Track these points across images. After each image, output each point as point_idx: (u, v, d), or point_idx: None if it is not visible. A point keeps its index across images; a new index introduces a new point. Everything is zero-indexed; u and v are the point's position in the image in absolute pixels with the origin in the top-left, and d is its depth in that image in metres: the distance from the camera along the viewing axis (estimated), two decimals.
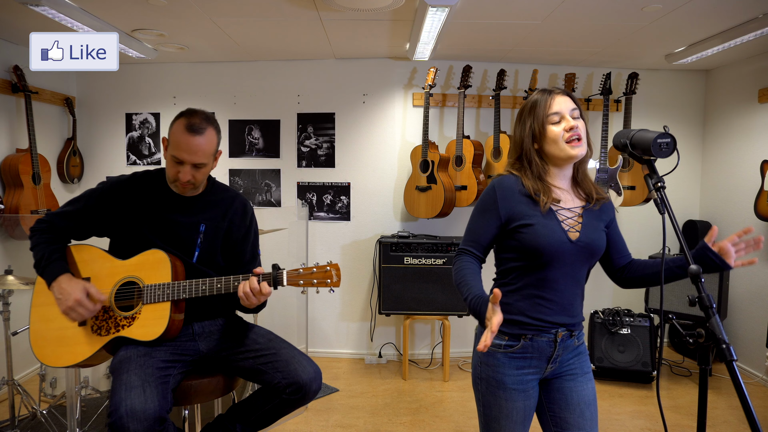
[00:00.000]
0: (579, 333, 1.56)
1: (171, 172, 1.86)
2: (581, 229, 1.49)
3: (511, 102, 3.97)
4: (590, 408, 1.53)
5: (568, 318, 1.50)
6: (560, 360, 1.53)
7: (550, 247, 1.44)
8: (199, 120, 1.82)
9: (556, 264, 1.46)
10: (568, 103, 1.49)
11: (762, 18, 2.79)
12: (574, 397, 1.52)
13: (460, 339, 4.12)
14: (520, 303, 1.50)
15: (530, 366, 1.51)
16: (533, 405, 1.55)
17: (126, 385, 1.59)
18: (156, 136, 4.11)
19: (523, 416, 1.53)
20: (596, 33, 3.19)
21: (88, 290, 1.78)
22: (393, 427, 2.96)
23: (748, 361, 3.70)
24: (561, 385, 1.54)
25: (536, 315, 1.48)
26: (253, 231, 2.06)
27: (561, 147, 1.47)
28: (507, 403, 1.51)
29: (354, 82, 4.00)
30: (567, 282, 1.49)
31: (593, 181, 1.61)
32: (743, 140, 3.74)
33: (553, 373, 1.54)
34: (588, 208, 1.53)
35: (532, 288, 1.49)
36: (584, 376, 1.55)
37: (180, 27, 3.15)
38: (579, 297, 1.54)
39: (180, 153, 1.80)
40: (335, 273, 1.76)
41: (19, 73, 3.34)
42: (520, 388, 1.51)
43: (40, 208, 3.43)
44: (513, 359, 1.50)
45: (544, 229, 1.45)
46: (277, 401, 1.82)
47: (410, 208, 3.77)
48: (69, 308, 1.76)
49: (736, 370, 1.08)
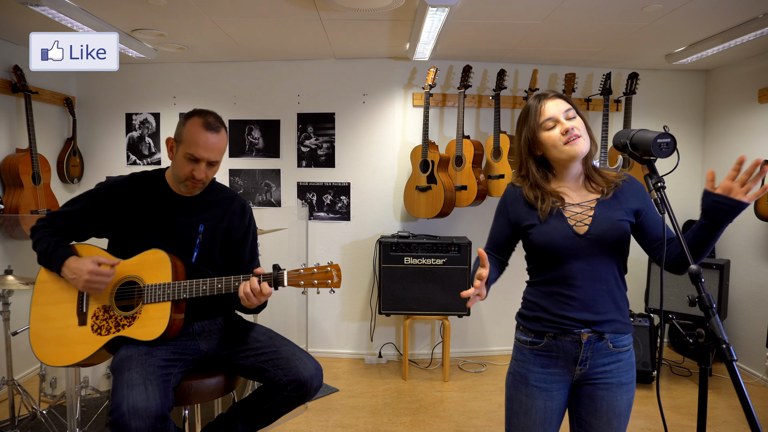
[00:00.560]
0: (615, 337, 1.48)
1: (184, 171, 1.85)
2: (591, 222, 1.47)
3: (511, 102, 3.97)
4: (619, 419, 1.49)
5: (592, 315, 1.46)
6: (591, 364, 1.48)
7: (556, 243, 1.46)
8: (213, 119, 1.87)
9: (569, 260, 1.47)
10: (560, 106, 1.49)
11: (762, 18, 2.79)
12: (603, 406, 1.49)
13: (460, 339, 4.12)
14: (543, 300, 1.52)
15: (556, 366, 1.50)
16: (557, 408, 1.52)
17: (128, 382, 1.59)
18: (156, 136, 4.11)
19: (544, 417, 1.51)
20: (596, 33, 3.19)
21: (97, 260, 1.79)
22: (393, 427, 2.96)
23: (748, 361, 3.70)
24: (593, 392, 1.50)
25: (557, 312, 1.48)
26: (252, 231, 2.06)
27: (561, 149, 1.47)
28: (527, 399, 1.52)
29: (354, 82, 4.00)
30: (585, 278, 1.47)
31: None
32: (743, 140, 3.74)
33: (585, 378, 1.50)
34: (602, 199, 1.50)
35: (551, 285, 1.50)
36: (620, 387, 1.48)
37: (180, 27, 3.15)
38: (605, 294, 1.48)
39: (198, 151, 1.82)
40: (336, 273, 1.77)
41: (19, 73, 3.34)
42: (543, 386, 1.50)
43: (40, 208, 3.43)
44: (538, 357, 1.51)
45: (547, 226, 1.48)
46: (279, 399, 1.82)
47: (410, 208, 3.77)
48: (87, 282, 1.77)
49: (736, 370, 1.08)
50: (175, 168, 1.89)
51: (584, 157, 1.51)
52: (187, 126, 1.85)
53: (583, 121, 1.50)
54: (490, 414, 3.14)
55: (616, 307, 1.49)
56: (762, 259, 3.57)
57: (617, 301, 1.50)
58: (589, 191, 1.54)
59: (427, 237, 3.77)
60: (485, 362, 4.00)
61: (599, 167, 1.58)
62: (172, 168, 1.94)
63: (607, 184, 1.52)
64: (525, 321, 1.56)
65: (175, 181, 1.92)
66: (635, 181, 1.56)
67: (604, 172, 1.55)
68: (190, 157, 1.83)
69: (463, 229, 4.04)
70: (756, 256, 3.63)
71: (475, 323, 4.14)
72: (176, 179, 1.91)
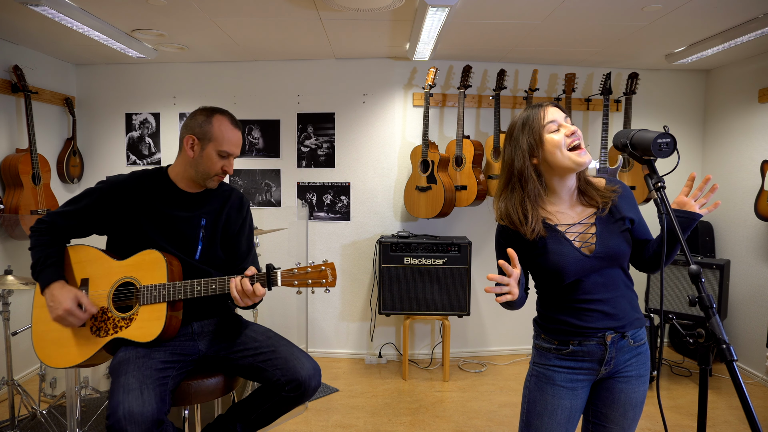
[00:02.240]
0: (634, 332, 1.51)
1: (215, 167, 1.91)
2: (596, 240, 1.47)
3: (511, 102, 3.97)
4: (635, 410, 1.52)
5: (613, 322, 1.47)
6: (615, 362, 1.50)
7: (568, 268, 1.45)
8: (232, 116, 1.97)
9: (582, 278, 1.47)
10: (559, 113, 1.49)
11: (762, 18, 2.78)
12: (621, 397, 1.51)
13: (460, 339, 4.12)
14: (562, 315, 1.51)
15: (582, 368, 1.50)
16: (580, 406, 1.53)
17: (124, 387, 1.59)
18: (156, 136, 4.11)
19: (568, 417, 1.51)
20: (596, 33, 3.19)
21: (79, 300, 1.79)
22: (393, 427, 2.96)
23: (748, 361, 3.70)
24: (612, 385, 1.52)
25: (580, 323, 1.48)
26: (248, 224, 2.09)
27: (566, 155, 1.44)
28: (553, 399, 1.51)
29: (354, 82, 4.00)
30: (600, 290, 1.47)
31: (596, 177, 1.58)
32: (743, 140, 3.74)
33: (608, 375, 1.52)
34: (599, 215, 1.50)
35: (568, 301, 1.50)
36: (639, 379, 1.51)
37: (180, 27, 3.15)
38: (621, 299, 1.50)
39: (230, 147, 1.91)
40: (330, 272, 1.75)
41: (19, 73, 3.34)
42: (569, 386, 1.51)
43: (40, 208, 3.43)
44: (564, 360, 1.51)
45: (555, 255, 1.46)
46: (277, 399, 1.82)
47: (410, 208, 3.76)
48: (59, 317, 1.78)
49: (736, 370, 1.08)
50: (202, 165, 1.90)
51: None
52: (215, 124, 1.89)
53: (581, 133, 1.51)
54: (490, 414, 3.14)
55: (631, 307, 1.52)
56: (762, 259, 3.57)
57: (631, 301, 1.53)
58: (584, 206, 1.53)
59: (427, 237, 3.76)
60: (485, 362, 4.00)
61: (591, 178, 1.56)
62: (190, 165, 1.92)
63: (603, 198, 1.51)
64: (547, 331, 1.56)
65: (200, 178, 1.93)
66: (626, 189, 1.57)
67: (597, 185, 1.54)
68: (223, 154, 1.90)
69: (463, 229, 4.04)
70: (756, 256, 3.63)
71: (475, 323, 4.14)
72: (202, 176, 1.92)
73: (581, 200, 1.53)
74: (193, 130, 1.90)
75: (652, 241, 1.54)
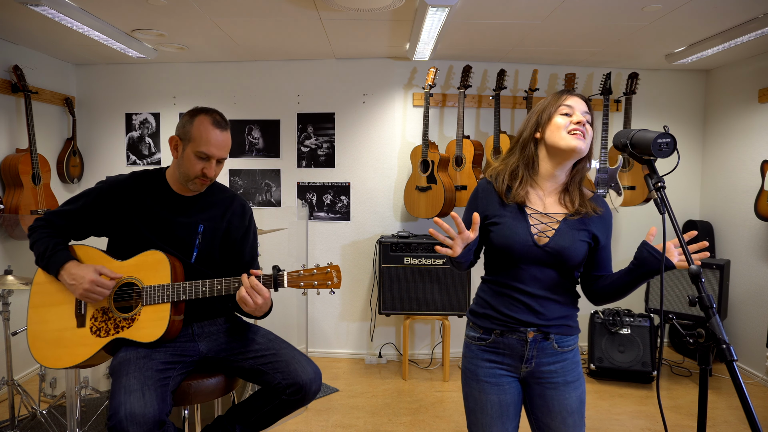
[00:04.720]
0: (561, 338, 1.52)
1: (194, 169, 1.84)
2: (553, 235, 1.49)
3: (511, 102, 3.97)
4: (573, 416, 1.52)
5: (537, 319, 1.50)
6: (536, 362, 1.51)
7: (514, 247, 1.48)
8: (219, 117, 1.88)
9: (522, 265, 1.49)
10: (582, 105, 1.52)
11: (762, 18, 2.78)
12: (555, 405, 1.52)
13: (460, 339, 4.10)
14: (493, 299, 1.55)
15: (503, 363, 1.53)
16: (512, 401, 1.54)
17: (125, 388, 1.59)
18: (156, 136, 4.11)
19: (500, 411, 1.53)
20: (596, 33, 3.19)
21: (100, 270, 1.78)
22: (393, 427, 2.96)
23: (748, 361, 3.70)
24: (542, 392, 1.53)
25: (505, 311, 1.51)
26: (252, 231, 2.05)
27: (562, 135, 1.47)
28: (480, 395, 1.55)
29: (354, 82, 4.00)
30: (536, 284, 1.50)
31: (590, 190, 1.59)
32: (743, 140, 3.74)
33: (532, 376, 1.53)
34: (568, 218, 1.51)
35: (502, 285, 1.53)
36: (567, 386, 1.52)
37: (180, 27, 3.15)
38: (555, 302, 1.51)
39: (209, 148, 1.82)
40: (336, 274, 1.77)
41: (19, 73, 3.34)
42: (493, 381, 1.53)
43: (39, 208, 3.43)
44: (486, 352, 1.55)
45: (508, 230, 1.49)
46: (277, 402, 1.82)
47: (410, 208, 3.76)
48: (86, 291, 1.76)
49: (736, 370, 1.08)
50: (183, 166, 1.86)
51: (574, 168, 1.53)
52: (195, 124, 1.83)
53: (592, 134, 1.52)
54: None
55: (563, 314, 1.53)
56: (762, 259, 3.57)
57: (566, 308, 1.54)
58: (560, 204, 1.54)
59: (427, 237, 3.76)
60: None
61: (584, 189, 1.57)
62: (176, 167, 1.90)
63: (581, 207, 1.51)
64: (475, 317, 1.60)
65: (182, 179, 1.89)
66: (608, 214, 1.58)
67: (585, 197, 1.54)
68: (201, 155, 1.82)
69: None
70: (756, 256, 3.63)
71: None
72: (183, 178, 1.88)
73: (560, 198, 1.55)
74: (178, 130, 1.88)
75: (610, 273, 1.56)
